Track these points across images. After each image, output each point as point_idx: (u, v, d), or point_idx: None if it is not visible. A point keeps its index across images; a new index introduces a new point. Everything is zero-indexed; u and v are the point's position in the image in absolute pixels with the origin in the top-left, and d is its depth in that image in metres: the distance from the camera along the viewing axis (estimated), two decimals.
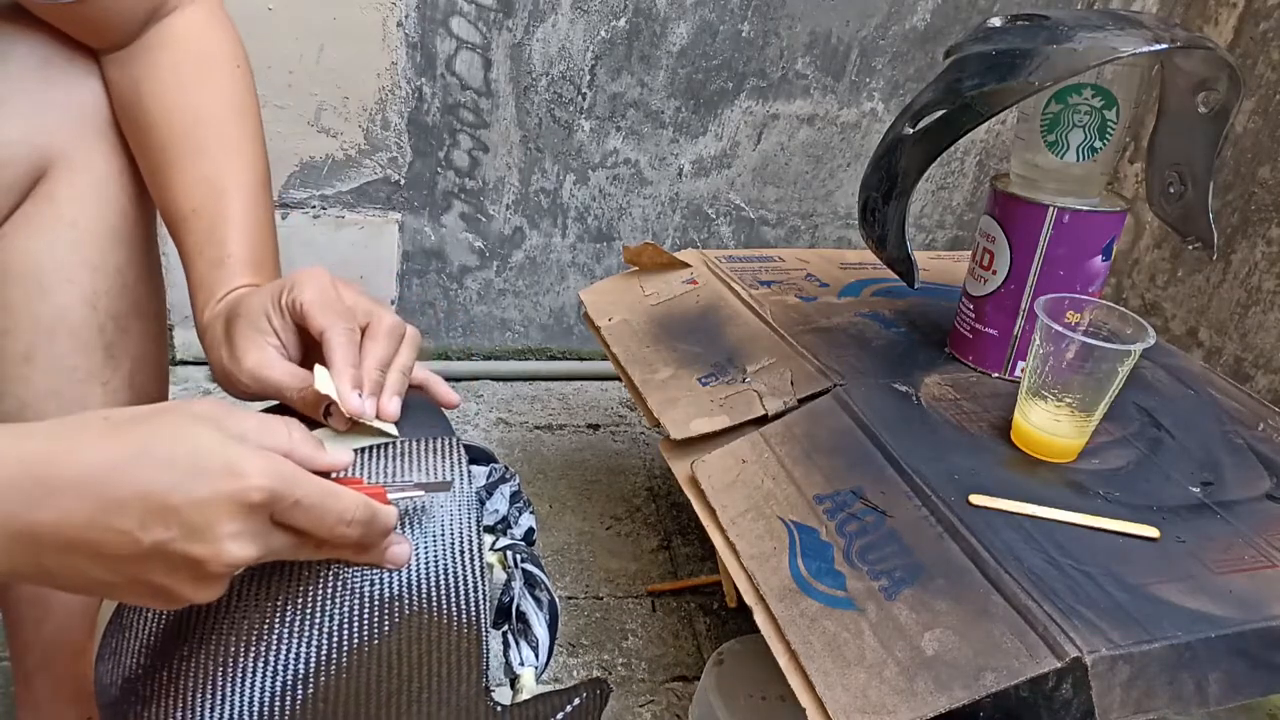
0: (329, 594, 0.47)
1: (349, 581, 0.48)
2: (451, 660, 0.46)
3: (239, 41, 0.64)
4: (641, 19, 1.28)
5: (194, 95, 0.61)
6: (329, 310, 0.52)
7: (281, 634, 0.46)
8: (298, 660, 0.45)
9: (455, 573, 0.49)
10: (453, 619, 0.47)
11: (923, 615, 0.57)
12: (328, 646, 0.46)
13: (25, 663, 0.68)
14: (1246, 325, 1.28)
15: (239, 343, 0.53)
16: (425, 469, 0.53)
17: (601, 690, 0.49)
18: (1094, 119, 0.75)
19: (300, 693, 0.44)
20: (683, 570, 1.09)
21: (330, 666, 0.45)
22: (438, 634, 0.47)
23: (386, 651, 0.46)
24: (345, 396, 0.51)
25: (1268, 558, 0.63)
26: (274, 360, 0.53)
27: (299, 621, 0.46)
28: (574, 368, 1.49)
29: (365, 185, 1.30)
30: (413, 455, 0.53)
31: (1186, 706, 0.55)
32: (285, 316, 0.53)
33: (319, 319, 0.52)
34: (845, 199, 1.48)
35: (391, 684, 0.45)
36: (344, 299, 0.53)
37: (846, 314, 0.92)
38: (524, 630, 0.55)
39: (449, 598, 0.48)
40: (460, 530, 0.51)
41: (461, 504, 0.52)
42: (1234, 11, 1.32)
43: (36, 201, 0.58)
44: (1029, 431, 0.71)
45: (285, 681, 0.45)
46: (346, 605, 0.47)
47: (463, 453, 0.54)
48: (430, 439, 0.54)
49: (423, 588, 0.48)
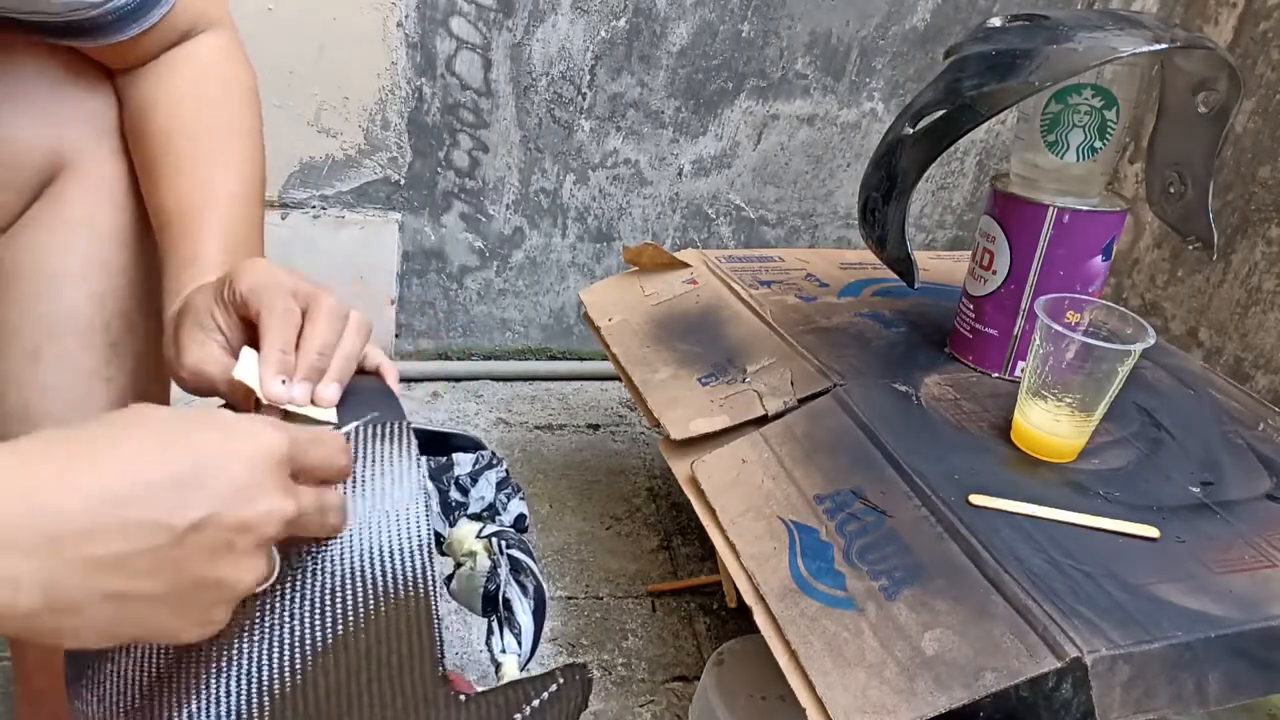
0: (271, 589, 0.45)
1: (290, 574, 0.46)
2: (402, 649, 0.44)
3: (251, 71, 0.65)
4: (641, 19, 1.28)
5: (201, 111, 0.62)
6: (266, 292, 0.50)
7: (224, 631, 0.43)
8: (240, 656, 0.44)
9: (401, 559, 0.47)
10: (401, 606, 0.45)
11: (923, 615, 0.57)
12: (271, 642, 0.44)
13: (25, 661, 0.68)
14: (1246, 325, 1.28)
15: (183, 340, 0.52)
16: (371, 454, 0.51)
17: (581, 676, 0.46)
18: (1094, 119, 0.75)
19: (245, 690, 0.43)
20: (683, 570, 1.09)
21: (276, 662, 0.44)
22: (385, 623, 0.45)
23: (332, 644, 0.44)
24: (266, 382, 0.49)
25: (1268, 558, 0.63)
26: (212, 355, 0.52)
27: (241, 619, 0.44)
28: (574, 368, 1.49)
29: (365, 185, 1.30)
30: (357, 440, 0.51)
31: (1186, 706, 0.55)
32: (229, 310, 0.51)
33: (254, 301, 0.50)
34: (845, 199, 1.48)
35: (339, 675, 0.43)
36: (284, 283, 0.52)
37: (846, 314, 0.93)
38: (508, 617, 0.55)
39: (395, 585, 0.46)
40: (406, 515, 0.49)
41: (407, 488, 0.50)
42: (1234, 11, 1.32)
43: (47, 202, 0.59)
44: (1029, 431, 0.71)
45: (231, 680, 0.43)
46: (289, 598, 0.45)
47: (411, 436, 0.52)
48: (377, 424, 0.52)
49: (368, 576, 0.46)
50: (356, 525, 0.48)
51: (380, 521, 0.48)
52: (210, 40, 0.64)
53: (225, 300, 0.51)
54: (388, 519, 0.48)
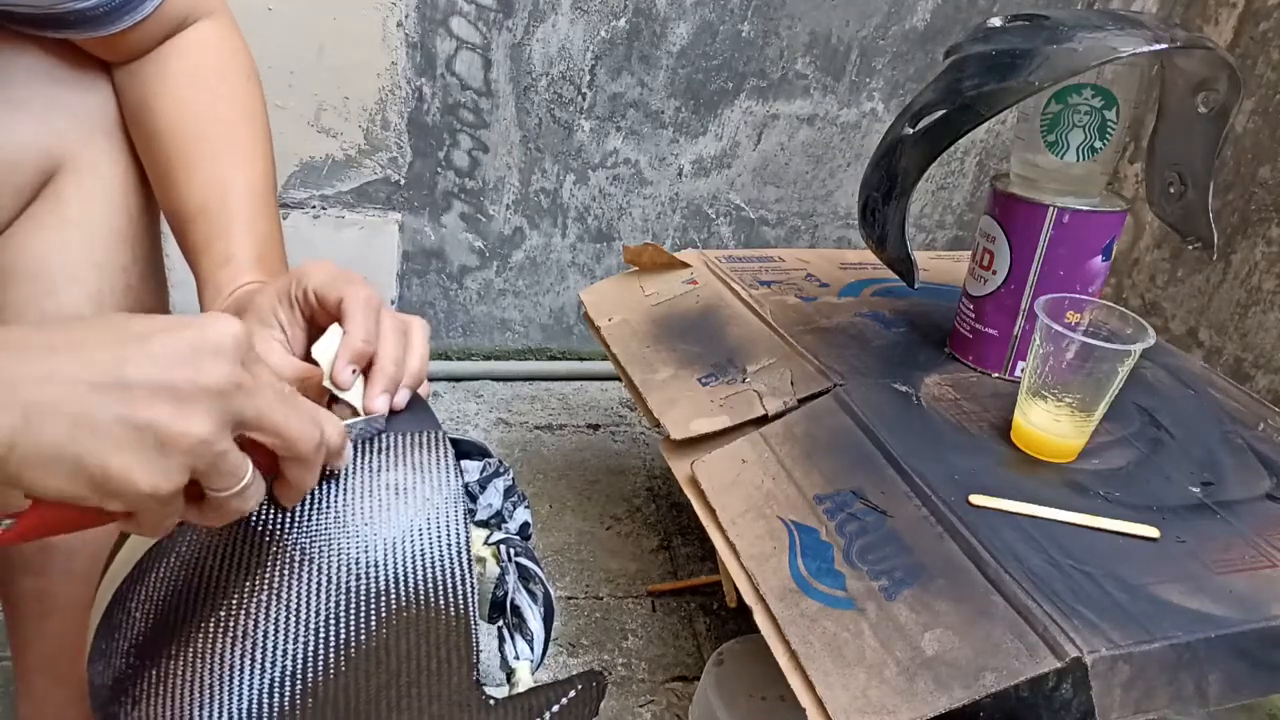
0: (314, 590, 0.47)
1: (334, 576, 0.47)
2: (441, 653, 0.46)
3: (250, 56, 0.65)
4: (641, 19, 1.28)
5: (206, 102, 0.62)
6: (345, 284, 0.52)
7: (267, 630, 0.45)
8: (285, 657, 0.45)
9: (442, 565, 0.49)
10: (440, 612, 0.47)
11: (923, 615, 0.57)
12: (314, 643, 0.45)
13: (26, 660, 0.68)
14: (1246, 325, 1.28)
15: None
16: (411, 463, 0.52)
17: (598, 683, 0.48)
18: (1094, 119, 0.75)
19: (288, 690, 0.44)
20: (683, 570, 1.09)
21: (318, 662, 0.45)
22: (425, 627, 0.46)
23: (374, 646, 0.45)
24: (338, 367, 0.50)
25: (1268, 558, 0.63)
26: (273, 353, 0.53)
27: (284, 618, 0.46)
28: (574, 368, 1.49)
29: (365, 185, 1.30)
30: (398, 449, 0.53)
31: (1186, 706, 0.55)
32: (294, 309, 0.53)
33: (334, 291, 0.51)
34: (845, 199, 1.48)
35: (380, 678, 0.44)
36: (355, 280, 0.53)
37: (846, 314, 0.93)
38: (519, 624, 0.55)
39: (436, 590, 0.48)
40: (446, 523, 0.50)
41: (447, 497, 0.51)
42: (1234, 11, 1.32)
43: (45, 202, 0.59)
44: (1029, 431, 0.71)
45: (273, 679, 0.44)
46: (332, 600, 0.46)
47: (449, 446, 0.54)
48: (415, 433, 0.54)
49: (409, 581, 0.48)
50: (399, 531, 0.49)
51: (421, 528, 0.50)
52: (206, 28, 0.63)
53: (293, 299, 0.52)
54: (428, 525, 0.50)
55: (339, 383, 0.50)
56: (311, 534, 0.48)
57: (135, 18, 0.58)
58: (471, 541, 0.59)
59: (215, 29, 0.64)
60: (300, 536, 0.48)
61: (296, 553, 0.48)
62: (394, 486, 0.51)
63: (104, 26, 0.57)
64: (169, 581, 0.48)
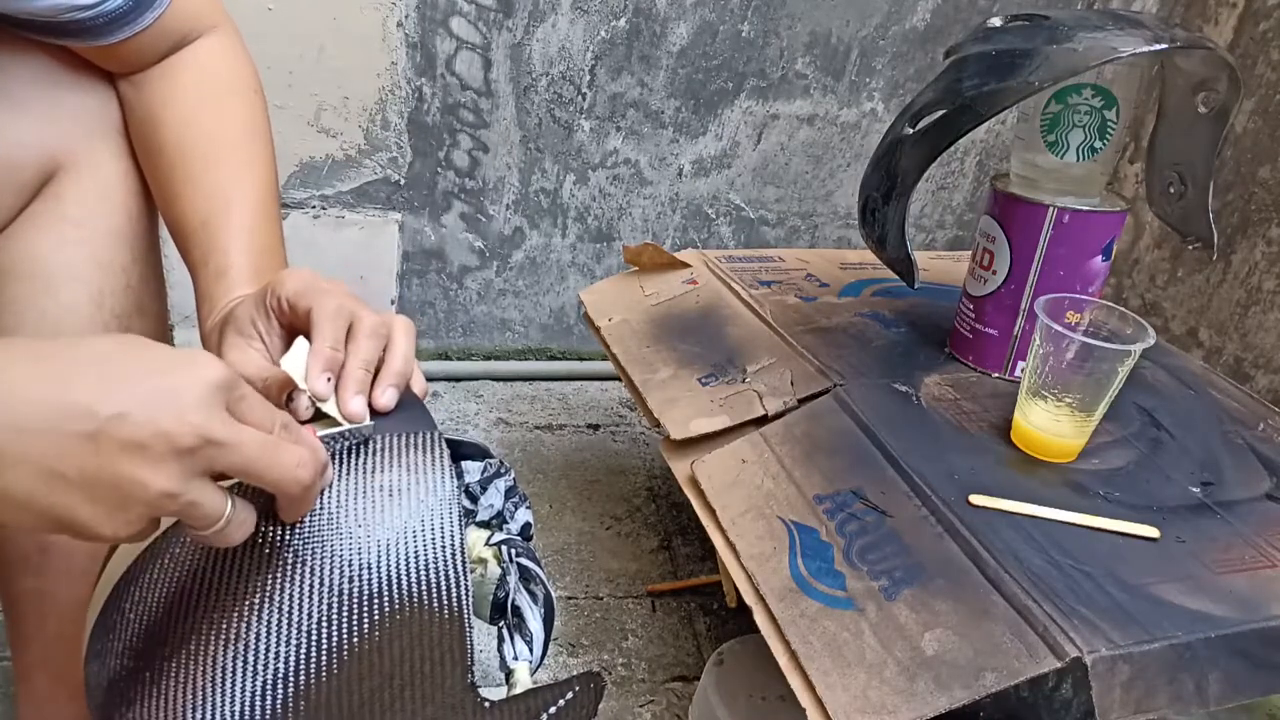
0: (307, 592, 0.47)
1: (328, 578, 0.47)
2: (434, 656, 0.45)
3: (255, 69, 0.66)
4: (641, 19, 1.28)
5: (212, 117, 0.62)
6: (315, 293, 0.51)
7: (260, 633, 0.45)
8: (277, 659, 0.45)
9: (436, 568, 0.48)
10: (434, 614, 0.47)
11: (923, 615, 0.57)
12: (306, 645, 0.45)
13: (25, 659, 0.68)
14: (1246, 325, 1.28)
15: (223, 348, 0.53)
16: (405, 464, 0.52)
17: (596, 684, 0.48)
18: (1094, 119, 0.75)
19: (280, 692, 0.44)
20: (683, 570, 1.09)
21: (310, 665, 0.45)
22: (419, 629, 0.46)
23: (367, 649, 0.45)
24: (311, 377, 0.49)
25: (1268, 558, 0.63)
26: (249, 360, 0.52)
27: (277, 620, 0.46)
28: (574, 368, 1.49)
29: (365, 185, 1.30)
30: (392, 450, 0.52)
31: (1186, 706, 0.55)
32: (270, 318, 0.53)
33: (303, 301, 0.51)
34: (845, 199, 1.48)
35: (373, 681, 0.44)
36: (329, 289, 0.52)
37: (846, 314, 0.93)
38: (518, 625, 0.55)
39: (429, 593, 0.47)
40: (440, 525, 0.50)
41: (442, 498, 0.51)
42: (1234, 11, 1.32)
43: (45, 201, 0.59)
44: (1029, 431, 0.71)
45: (265, 682, 0.44)
46: (325, 603, 0.46)
47: (444, 447, 0.53)
48: (410, 434, 0.53)
49: (402, 583, 0.47)
50: (392, 533, 0.49)
51: (415, 530, 0.49)
52: (211, 43, 0.64)
53: (268, 307, 0.52)
54: (422, 527, 0.49)
55: (315, 393, 0.49)
56: (305, 536, 0.48)
57: (135, 28, 0.58)
58: (473, 543, 0.59)
59: (221, 43, 0.64)
60: (293, 539, 0.48)
61: (289, 555, 0.48)
62: (388, 488, 0.50)
63: (104, 36, 0.57)
64: (163, 583, 0.48)
